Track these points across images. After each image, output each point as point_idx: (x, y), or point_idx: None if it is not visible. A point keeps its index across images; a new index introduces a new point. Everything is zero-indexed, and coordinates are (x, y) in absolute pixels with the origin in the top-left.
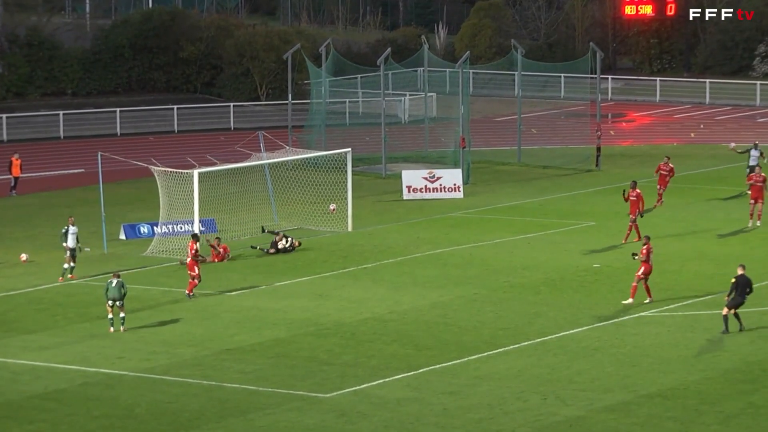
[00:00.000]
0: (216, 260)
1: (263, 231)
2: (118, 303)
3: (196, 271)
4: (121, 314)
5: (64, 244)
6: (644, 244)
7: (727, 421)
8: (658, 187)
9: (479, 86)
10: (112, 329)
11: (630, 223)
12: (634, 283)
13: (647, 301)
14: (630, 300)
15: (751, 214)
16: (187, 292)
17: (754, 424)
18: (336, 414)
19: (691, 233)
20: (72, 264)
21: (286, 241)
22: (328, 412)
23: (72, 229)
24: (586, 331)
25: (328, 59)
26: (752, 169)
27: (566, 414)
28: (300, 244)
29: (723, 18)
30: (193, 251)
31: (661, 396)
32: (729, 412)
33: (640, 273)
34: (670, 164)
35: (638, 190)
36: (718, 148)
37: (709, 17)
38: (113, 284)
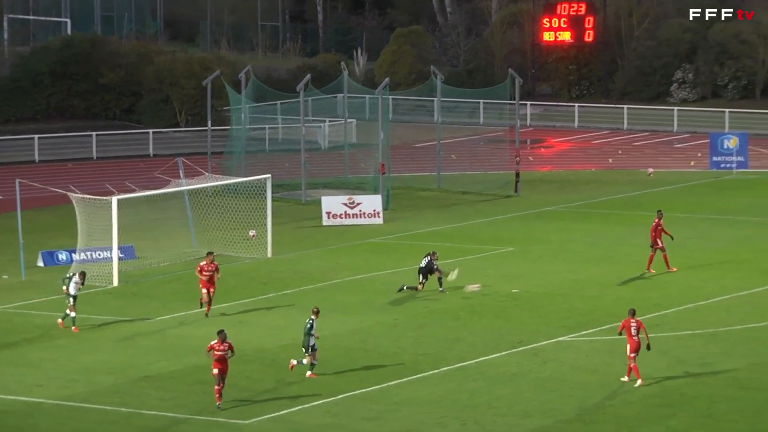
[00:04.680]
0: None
1: (402, 289)
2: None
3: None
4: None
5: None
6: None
7: None
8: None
9: (399, 112)
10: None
11: (651, 252)
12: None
13: (635, 383)
14: (625, 378)
15: None
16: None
17: None
18: None
19: (610, 259)
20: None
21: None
22: None
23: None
24: (506, 357)
25: (248, 86)
26: None
27: None
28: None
29: (723, 18)
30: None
31: (580, 421)
32: None
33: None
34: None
35: (658, 221)
36: (636, 174)
37: (709, 17)
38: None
